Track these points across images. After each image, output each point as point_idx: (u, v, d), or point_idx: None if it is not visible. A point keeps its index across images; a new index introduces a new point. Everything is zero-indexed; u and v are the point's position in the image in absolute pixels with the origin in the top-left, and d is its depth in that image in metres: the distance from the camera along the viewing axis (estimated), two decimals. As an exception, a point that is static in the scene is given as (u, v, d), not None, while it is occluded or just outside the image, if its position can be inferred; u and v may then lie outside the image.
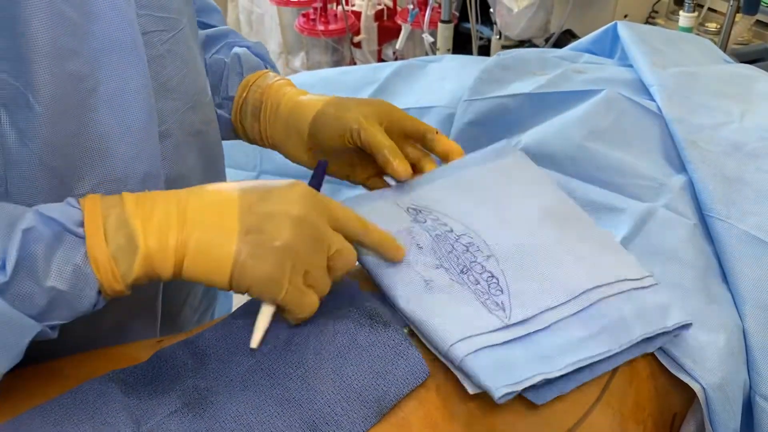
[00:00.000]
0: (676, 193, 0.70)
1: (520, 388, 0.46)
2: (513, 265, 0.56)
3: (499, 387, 0.46)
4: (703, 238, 0.67)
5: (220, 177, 0.71)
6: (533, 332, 0.51)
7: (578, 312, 0.53)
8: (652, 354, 0.58)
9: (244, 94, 0.71)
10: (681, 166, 0.73)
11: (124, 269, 0.44)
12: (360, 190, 1.02)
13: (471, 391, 0.47)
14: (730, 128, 0.76)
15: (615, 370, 0.55)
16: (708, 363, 0.56)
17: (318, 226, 0.48)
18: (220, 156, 0.70)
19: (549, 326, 0.52)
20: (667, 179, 0.72)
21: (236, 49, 0.73)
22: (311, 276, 0.48)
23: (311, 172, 1.09)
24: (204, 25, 0.75)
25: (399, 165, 0.61)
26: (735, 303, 0.63)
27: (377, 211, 0.61)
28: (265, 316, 0.49)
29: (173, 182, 0.58)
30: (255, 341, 0.48)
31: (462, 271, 0.56)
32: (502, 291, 0.54)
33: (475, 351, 0.48)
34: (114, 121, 0.50)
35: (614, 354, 0.51)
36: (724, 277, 0.65)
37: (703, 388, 0.55)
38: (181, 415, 0.47)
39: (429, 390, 0.49)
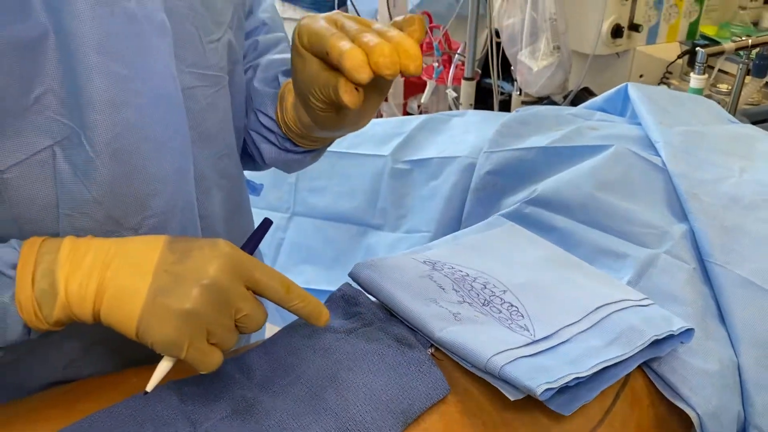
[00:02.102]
0: (678, 240, 0.77)
1: (557, 385, 0.52)
2: (528, 295, 0.64)
3: (540, 384, 0.52)
4: (701, 281, 0.74)
5: (247, 215, 0.78)
6: (557, 344, 0.58)
7: (593, 326, 0.61)
8: (653, 383, 0.63)
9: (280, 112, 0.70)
10: (683, 216, 0.80)
11: (46, 312, 0.48)
12: (383, 233, 1.10)
13: (512, 397, 0.53)
14: (729, 183, 0.82)
15: (618, 395, 0.61)
16: (704, 392, 0.62)
17: (227, 290, 0.49)
18: (245, 197, 0.77)
19: (570, 339, 0.59)
20: (669, 228, 0.78)
21: (255, 84, 0.72)
22: (215, 336, 0.50)
23: (347, 216, 1.15)
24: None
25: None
26: (731, 340, 0.69)
27: (397, 263, 0.68)
28: (162, 368, 0.51)
29: (203, 219, 0.64)
30: (150, 387, 0.51)
31: (484, 304, 0.63)
32: (523, 316, 0.61)
33: (512, 361, 0.54)
34: (159, 165, 0.55)
35: (631, 356, 0.58)
36: (721, 317, 0.71)
37: (699, 416, 0.61)
38: (231, 420, 0.54)
39: (449, 405, 0.55)
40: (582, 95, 1.83)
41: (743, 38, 1.57)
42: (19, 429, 0.53)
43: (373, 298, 0.65)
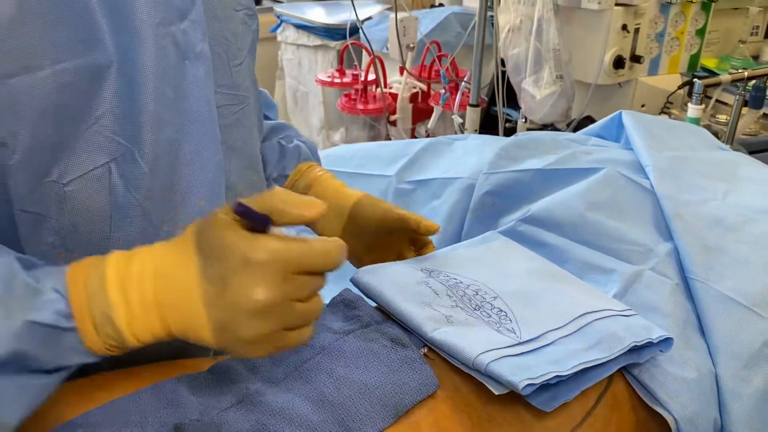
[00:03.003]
0: (663, 258, 0.81)
1: (538, 381, 0.56)
2: (517, 302, 0.69)
3: (522, 380, 0.56)
4: (684, 296, 0.78)
5: None
6: (542, 346, 0.62)
7: (576, 331, 0.65)
8: (633, 389, 0.67)
9: (296, 177, 0.86)
10: (668, 236, 0.84)
11: (121, 347, 0.50)
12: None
13: (497, 392, 0.57)
14: (713, 205, 0.87)
15: (599, 399, 0.65)
16: (681, 398, 0.66)
17: (282, 303, 0.49)
18: None
19: (554, 342, 0.63)
20: (655, 246, 0.83)
21: (297, 143, 0.89)
22: (295, 324, 0.51)
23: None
24: (265, 117, 0.90)
25: (430, 223, 0.76)
26: (709, 352, 0.73)
27: (395, 270, 0.73)
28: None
29: None
30: None
31: (475, 308, 0.68)
32: (510, 320, 0.66)
33: (497, 359, 0.59)
34: (193, 177, 0.60)
35: (610, 360, 0.62)
36: (701, 329, 0.75)
37: (676, 420, 0.64)
38: (236, 409, 0.58)
39: (438, 400, 0.59)
40: (585, 123, 1.89)
41: (740, 70, 1.62)
42: (47, 414, 0.58)
43: (371, 303, 0.70)
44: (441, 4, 2.83)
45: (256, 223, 0.49)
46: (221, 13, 0.65)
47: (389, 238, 0.80)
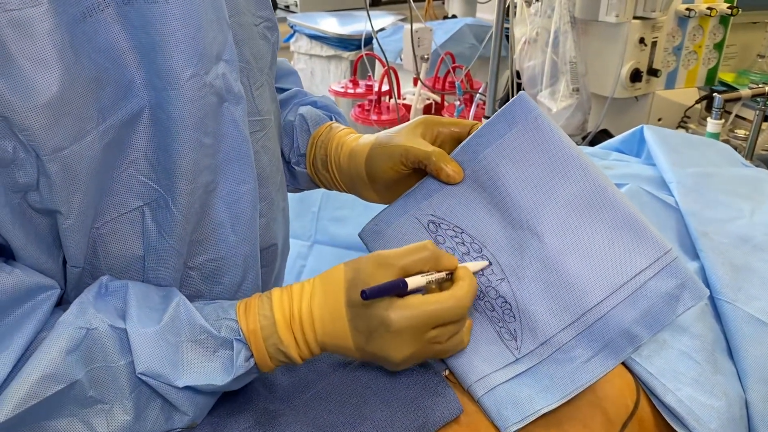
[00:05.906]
0: (689, 277, 0.79)
1: (526, 422, 0.56)
2: (524, 288, 0.61)
3: (509, 426, 0.57)
4: (712, 317, 0.76)
5: (287, 244, 0.81)
6: (541, 361, 0.59)
7: (584, 330, 0.58)
8: (660, 414, 0.65)
9: (313, 150, 0.78)
10: (694, 254, 0.82)
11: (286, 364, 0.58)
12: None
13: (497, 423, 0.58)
14: (739, 223, 0.85)
15: (625, 424, 0.63)
16: (711, 425, 0.64)
17: (418, 352, 0.55)
18: (288, 225, 0.81)
19: (555, 351, 0.59)
20: (681, 265, 0.80)
21: (301, 109, 0.81)
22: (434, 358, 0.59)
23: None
24: (281, 90, 0.85)
25: (450, 168, 0.66)
26: (739, 376, 0.71)
27: (399, 231, 0.68)
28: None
29: (264, 251, 0.68)
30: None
31: (479, 297, 0.63)
32: (514, 317, 0.61)
33: (489, 390, 0.58)
34: (226, 213, 0.58)
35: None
36: (730, 352, 0.73)
37: (705, 447, 0.62)
38: (253, 430, 0.57)
39: (461, 425, 0.58)
40: (600, 137, 1.87)
41: (760, 85, 1.60)
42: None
43: None
44: (454, 16, 2.83)
45: (392, 294, 0.54)
46: (242, 35, 0.62)
47: (412, 173, 0.70)
